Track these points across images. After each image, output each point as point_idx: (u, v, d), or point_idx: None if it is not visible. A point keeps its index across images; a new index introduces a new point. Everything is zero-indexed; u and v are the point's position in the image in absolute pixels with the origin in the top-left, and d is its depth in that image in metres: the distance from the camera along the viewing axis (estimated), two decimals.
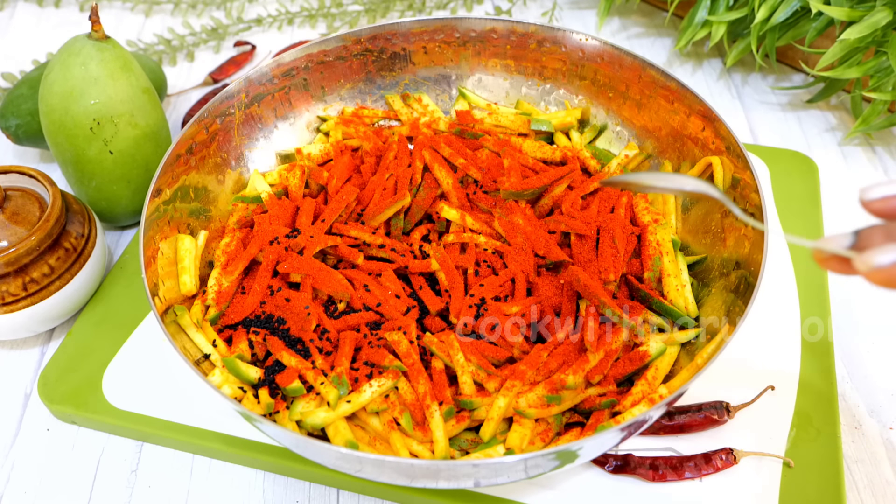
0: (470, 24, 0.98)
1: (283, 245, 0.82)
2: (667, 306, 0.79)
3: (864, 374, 0.85)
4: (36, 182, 0.86)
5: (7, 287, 0.81)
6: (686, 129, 0.88)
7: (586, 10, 1.37)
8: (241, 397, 0.73)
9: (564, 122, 0.97)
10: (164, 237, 0.80)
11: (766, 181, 1.01)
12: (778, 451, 0.76)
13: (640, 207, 0.87)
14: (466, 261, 0.84)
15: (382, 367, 0.74)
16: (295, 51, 0.94)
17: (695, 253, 0.85)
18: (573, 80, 0.97)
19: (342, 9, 1.37)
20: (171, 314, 0.76)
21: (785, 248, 0.94)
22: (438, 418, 0.71)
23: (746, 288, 0.74)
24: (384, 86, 1.02)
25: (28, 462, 0.80)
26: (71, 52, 0.88)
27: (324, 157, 0.96)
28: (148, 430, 0.80)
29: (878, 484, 0.77)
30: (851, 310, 0.90)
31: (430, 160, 0.90)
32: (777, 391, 0.80)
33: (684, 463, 0.74)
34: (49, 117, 0.90)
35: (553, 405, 0.72)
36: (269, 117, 0.96)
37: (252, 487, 0.78)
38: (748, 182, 0.78)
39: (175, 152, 0.83)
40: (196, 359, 0.75)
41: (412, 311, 0.81)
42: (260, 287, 0.80)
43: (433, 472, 0.63)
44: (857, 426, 0.81)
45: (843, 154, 1.09)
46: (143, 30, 1.37)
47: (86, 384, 0.83)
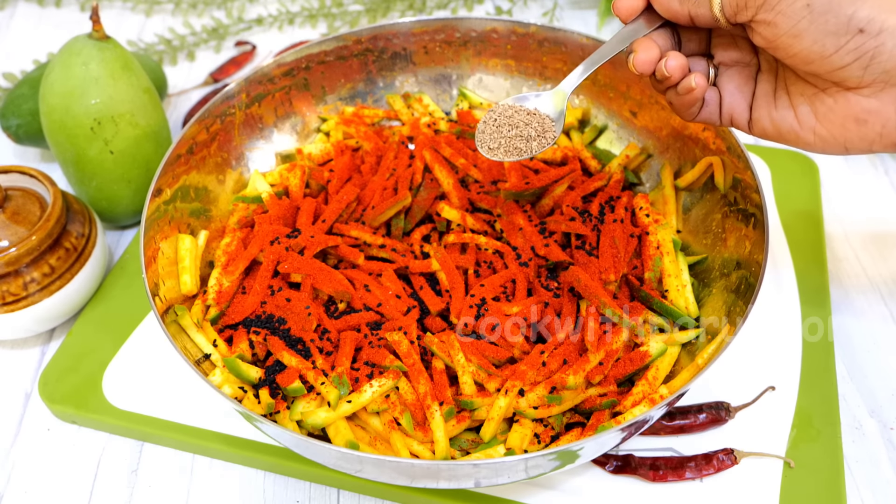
0: (471, 24, 0.98)
1: (284, 245, 0.82)
2: (667, 307, 0.79)
3: (864, 374, 0.85)
4: (36, 182, 0.86)
5: (7, 287, 0.81)
6: (687, 129, 0.88)
7: (587, 10, 1.37)
8: (242, 397, 0.73)
9: (565, 122, 0.97)
10: (165, 237, 0.80)
11: (766, 181, 1.02)
12: (778, 451, 0.76)
13: (640, 208, 0.87)
14: (467, 261, 0.84)
15: (383, 368, 0.74)
16: (295, 50, 0.94)
17: (695, 253, 0.85)
18: None
19: (343, 9, 1.37)
20: (171, 314, 0.76)
21: (786, 249, 0.94)
22: (439, 418, 0.71)
23: (747, 288, 0.74)
24: (385, 86, 1.02)
25: (28, 462, 0.80)
26: (72, 51, 0.88)
27: (324, 157, 0.96)
28: (148, 430, 0.80)
29: (879, 484, 0.76)
30: (851, 310, 0.90)
31: (430, 160, 0.90)
32: (777, 391, 0.80)
33: (685, 463, 0.74)
34: (50, 117, 0.90)
35: (553, 405, 0.72)
36: (270, 117, 0.96)
37: (252, 487, 0.78)
38: (749, 182, 0.78)
39: (175, 152, 0.83)
40: (196, 359, 0.75)
41: (412, 311, 0.80)
42: (260, 287, 0.80)
43: (433, 472, 0.63)
44: (857, 426, 0.81)
45: None
46: (144, 30, 1.37)
47: (86, 384, 0.83)
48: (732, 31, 0.67)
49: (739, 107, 0.70)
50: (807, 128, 0.66)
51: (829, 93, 0.64)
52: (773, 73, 0.68)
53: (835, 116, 0.64)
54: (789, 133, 0.68)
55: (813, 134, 0.66)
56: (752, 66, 0.70)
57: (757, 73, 0.70)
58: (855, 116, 0.63)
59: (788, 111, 0.67)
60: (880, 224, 1.00)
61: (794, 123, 0.67)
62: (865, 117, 0.62)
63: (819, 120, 0.65)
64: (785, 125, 0.67)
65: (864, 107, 0.62)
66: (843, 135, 0.65)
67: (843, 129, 0.64)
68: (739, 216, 0.80)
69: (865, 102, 0.62)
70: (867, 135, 0.64)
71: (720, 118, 0.71)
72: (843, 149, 0.66)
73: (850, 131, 0.64)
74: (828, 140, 0.66)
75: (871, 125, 0.63)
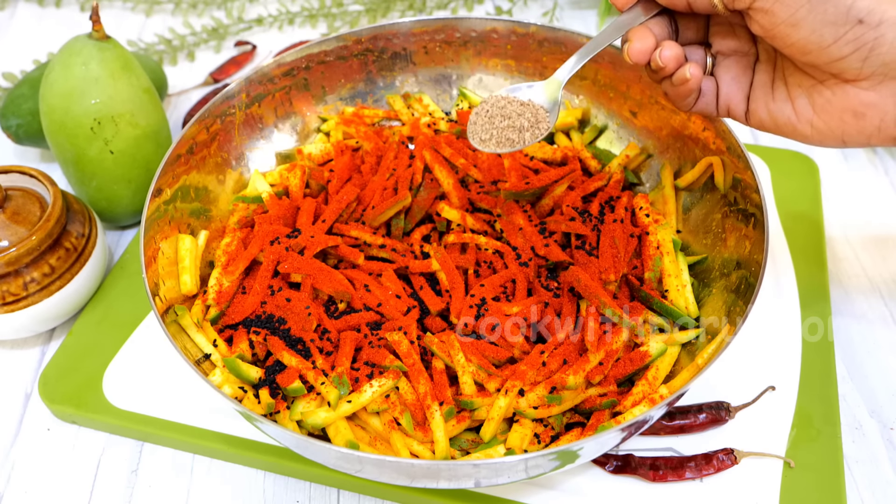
0: (471, 24, 0.98)
1: (284, 245, 0.82)
2: (667, 307, 0.79)
3: (864, 375, 0.85)
4: (37, 182, 0.86)
5: (8, 287, 0.81)
6: (687, 129, 0.88)
7: (587, 10, 1.37)
8: (242, 397, 0.73)
9: (565, 122, 0.97)
10: (165, 237, 0.80)
11: (766, 182, 1.02)
12: (778, 451, 0.76)
13: (640, 208, 0.87)
14: (467, 261, 0.84)
15: (383, 368, 0.74)
16: (295, 51, 0.94)
17: (695, 253, 0.85)
18: (574, 79, 0.97)
19: (343, 8, 1.37)
20: (171, 314, 0.76)
21: (786, 249, 0.94)
22: (439, 418, 0.71)
23: (747, 288, 0.74)
24: (385, 86, 1.02)
25: (29, 462, 0.80)
26: (72, 51, 0.89)
27: (324, 157, 0.96)
28: (148, 430, 0.80)
29: (879, 484, 0.77)
30: (851, 310, 0.90)
31: (430, 160, 0.90)
32: (777, 391, 0.80)
33: (685, 463, 0.74)
34: (50, 117, 0.90)
35: (553, 405, 0.72)
36: (270, 117, 0.96)
37: (252, 487, 0.78)
38: (749, 182, 0.78)
39: (175, 152, 0.83)
40: (197, 359, 0.75)
41: (413, 311, 0.80)
42: (260, 287, 0.80)
43: (434, 472, 0.63)
44: (857, 426, 0.81)
45: (844, 154, 1.09)
46: (144, 29, 1.37)
47: (86, 384, 0.83)
48: (731, 18, 0.66)
49: (736, 97, 0.70)
50: (804, 120, 0.66)
51: (827, 85, 0.64)
52: (771, 63, 0.68)
53: (833, 109, 0.64)
54: (786, 125, 0.67)
55: (810, 126, 0.66)
56: (751, 55, 0.69)
57: (755, 63, 0.69)
58: (853, 109, 0.63)
59: (786, 103, 0.67)
60: (881, 224, 1.00)
61: (791, 115, 0.67)
62: (863, 110, 0.62)
63: (817, 112, 0.65)
64: (782, 117, 0.67)
65: (863, 100, 0.62)
66: (840, 128, 0.64)
67: (840, 122, 0.64)
68: (739, 216, 0.80)
69: (864, 95, 0.62)
70: (865, 128, 0.63)
71: (717, 109, 0.71)
72: (841, 142, 0.65)
73: (848, 124, 0.64)
74: (825, 133, 0.65)
75: (870, 119, 0.62)
